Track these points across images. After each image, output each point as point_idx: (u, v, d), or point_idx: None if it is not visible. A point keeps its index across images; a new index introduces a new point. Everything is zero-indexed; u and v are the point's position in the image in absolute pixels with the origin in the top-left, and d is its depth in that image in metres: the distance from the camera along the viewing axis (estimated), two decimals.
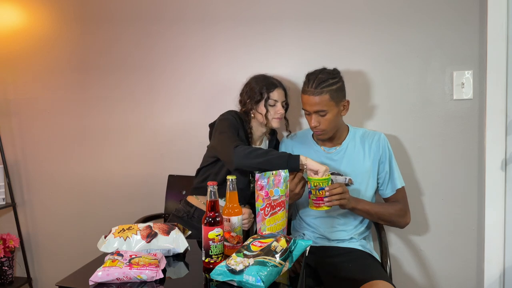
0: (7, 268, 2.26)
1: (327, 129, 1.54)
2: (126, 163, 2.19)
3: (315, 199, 1.37)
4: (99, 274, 1.07)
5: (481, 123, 1.76)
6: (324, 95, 1.47)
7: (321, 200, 1.36)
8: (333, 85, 1.49)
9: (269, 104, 1.67)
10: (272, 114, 1.68)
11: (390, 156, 1.61)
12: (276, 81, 1.72)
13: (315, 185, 1.36)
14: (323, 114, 1.50)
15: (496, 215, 1.75)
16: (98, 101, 2.21)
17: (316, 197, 1.36)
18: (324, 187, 1.35)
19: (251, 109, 1.69)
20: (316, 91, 1.47)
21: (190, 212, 1.69)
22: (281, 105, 1.69)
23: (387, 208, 1.56)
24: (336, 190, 1.36)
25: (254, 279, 0.99)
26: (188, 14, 2.04)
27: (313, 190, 1.36)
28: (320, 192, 1.35)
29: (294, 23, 1.91)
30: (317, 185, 1.35)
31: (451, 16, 1.75)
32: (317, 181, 1.36)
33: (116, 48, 2.15)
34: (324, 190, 1.35)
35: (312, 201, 1.38)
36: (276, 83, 1.70)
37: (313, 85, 1.48)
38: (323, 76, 1.49)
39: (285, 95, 1.72)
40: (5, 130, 2.36)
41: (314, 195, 1.37)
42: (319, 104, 1.48)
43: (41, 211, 2.37)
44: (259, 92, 1.67)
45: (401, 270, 1.90)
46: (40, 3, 2.24)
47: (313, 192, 1.37)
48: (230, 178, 1.26)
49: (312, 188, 1.37)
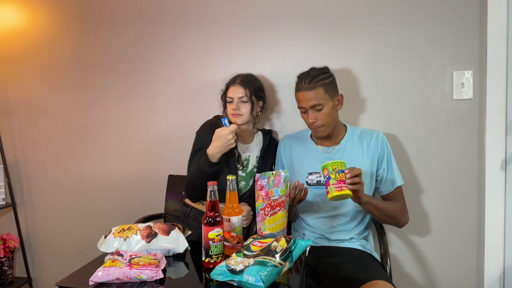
0: (7, 268, 2.27)
1: (325, 124, 1.54)
2: (126, 163, 2.19)
3: (335, 183, 1.28)
4: (99, 274, 1.07)
5: (481, 123, 1.76)
6: (318, 89, 1.50)
7: (343, 183, 1.28)
8: (325, 79, 1.53)
9: (227, 101, 1.71)
10: (228, 111, 1.70)
11: (388, 154, 1.61)
12: (238, 78, 1.71)
13: (333, 168, 1.30)
14: (320, 108, 1.51)
15: (496, 215, 1.75)
16: (98, 101, 2.21)
17: (337, 180, 1.28)
18: (343, 170, 1.30)
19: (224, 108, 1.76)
20: (310, 86, 1.50)
21: (186, 212, 1.70)
22: (238, 102, 1.66)
23: (391, 205, 1.57)
24: (356, 170, 1.31)
25: (254, 279, 0.99)
26: (188, 14, 2.03)
27: (332, 174, 1.29)
28: (340, 175, 1.29)
29: (294, 23, 1.91)
30: (336, 168, 1.30)
31: (451, 16, 1.75)
32: (335, 164, 1.30)
33: (116, 48, 2.15)
34: (344, 172, 1.29)
35: (333, 186, 1.28)
36: (235, 80, 1.70)
37: (306, 81, 1.51)
38: (314, 72, 1.54)
39: (244, 90, 1.67)
40: (5, 130, 2.36)
41: (334, 179, 1.29)
42: (315, 98, 1.50)
43: (41, 211, 2.37)
44: (223, 91, 1.75)
45: (401, 270, 1.90)
46: (40, 3, 2.24)
47: (333, 176, 1.29)
48: (230, 178, 1.26)
49: (331, 172, 1.29)
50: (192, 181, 1.66)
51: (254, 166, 1.76)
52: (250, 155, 1.76)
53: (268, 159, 1.78)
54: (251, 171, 1.75)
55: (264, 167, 1.75)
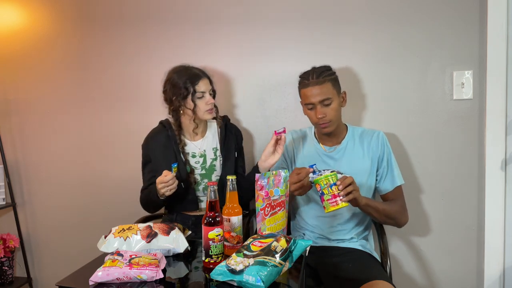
0: (7, 268, 2.27)
1: (333, 119, 1.53)
2: (126, 162, 2.18)
3: (330, 198, 1.29)
4: (99, 274, 1.07)
5: (481, 123, 1.76)
6: (327, 83, 1.51)
7: (337, 197, 1.29)
8: (331, 75, 1.54)
9: (197, 97, 1.59)
10: (202, 107, 1.60)
11: (388, 153, 1.60)
12: (198, 71, 1.64)
13: (325, 183, 1.30)
14: (328, 103, 1.51)
15: (496, 215, 1.75)
16: (98, 101, 2.20)
17: (331, 195, 1.29)
18: (335, 183, 1.30)
19: (179, 106, 1.61)
20: (318, 81, 1.50)
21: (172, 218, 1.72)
22: (209, 95, 1.62)
23: (391, 205, 1.57)
24: (348, 180, 1.31)
25: (254, 279, 0.99)
26: (188, 14, 2.03)
27: (325, 189, 1.30)
28: (333, 189, 1.29)
29: (294, 23, 1.90)
30: (327, 182, 1.30)
31: (451, 16, 1.75)
32: (326, 179, 1.30)
33: (116, 48, 2.15)
34: (336, 185, 1.30)
35: (327, 202, 1.30)
36: (200, 73, 1.62)
37: (313, 77, 1.51)
38: (319, 68, 1.55)
39: (210, 82, 1.64)
40: (5, 130, 2.36)
41: (327, 195, 1.30)
42: (324, 92, 1.50)
43: (41, 211, 2.37)
44: (184, 87, 1.58)
45: (401, 270, 1.90)
46: (40, 3, 2.23)
47: (326, 192, 1.30)
48: (230, 178, 1.26)
49: (323, 188, 1.30)
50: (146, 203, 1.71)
51: (212, 159, 1.70)
52: (206, 149, 1.70)
53: (230, 147, 1.71)
54: (211, 165, 1.70)
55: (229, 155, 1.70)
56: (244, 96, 2.01)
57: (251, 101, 2.00)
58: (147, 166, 1.73)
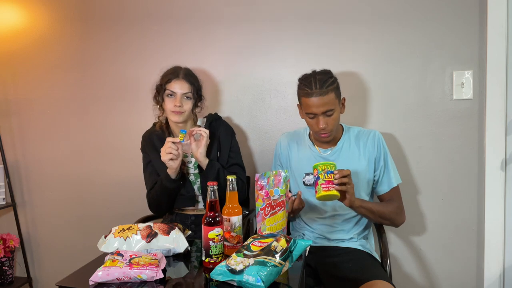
0: (7, 268, 2.27)
1: (334, 128, 1.52)
2: (127, 162, 2.18)
3: (323, 183, 1.30)
4: (99, 274, 1.07)
5: (481, 123, 1.76)
6: (330, 94, 1.46)
7: (331, 183, 1.31)
8: (334, 83, 1.49)
9: (166, 94, 1.57)
10: (168, 106, 1.57)
11: (385, 153, 1.59)
12: (180, 71, 1.60)
13: (323, 168, 1.32)
14: (331, 113, 1.48)
15: (496, 215, 1.75)
16: (98, 101, 2.20)
17: (325, 181, 1.30)
18: (333, 171, 1.32)
19: (157, 103, 1.64)
20: (322, 91, 1.45)
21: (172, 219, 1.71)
22: (181, 98, 1.56)
23: (386, 206, 1.56)
24: (345, 172, 1.33)
25: (254, 279, 0.99)
26: (189, 14, 2.03)
27: (321, 174, 1.31)
28: (329, 175, 1.31)
29: (294, 23, 1.91)
30: (325, 168, 1.32)
31: (451, 16, 1.75)
32: (325, 165, 1.33)
33: (116, 48, 2.15)
34: (333, 173, 1.31)
35: (320, 186, 1.31)
36: (178, 73, 1.59)
37: (317, 87, 1.45)
38: (322, 76, 1.48)
39: (189, 87, 1.59)
40: (5, 130, 2.35)
41: (322, 179, 1.31)
42: (328, 103, 1.46)
43: (41, 211, 2.37)
44: (159, 84, 1.61)
45: (401, 270, 1.90)
46: (41, 3, 2.23)
47: (321, 177, 1.31)
48: (230, 178, 1.26)
49: (320, 172, 1.32)
50: (155, 198, 1.63)
51: None
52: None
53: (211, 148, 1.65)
54: None
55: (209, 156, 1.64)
56: (244, 96, 2.01)
57: (251, 101, 2.00)
58: (148, 168, 1.72)
